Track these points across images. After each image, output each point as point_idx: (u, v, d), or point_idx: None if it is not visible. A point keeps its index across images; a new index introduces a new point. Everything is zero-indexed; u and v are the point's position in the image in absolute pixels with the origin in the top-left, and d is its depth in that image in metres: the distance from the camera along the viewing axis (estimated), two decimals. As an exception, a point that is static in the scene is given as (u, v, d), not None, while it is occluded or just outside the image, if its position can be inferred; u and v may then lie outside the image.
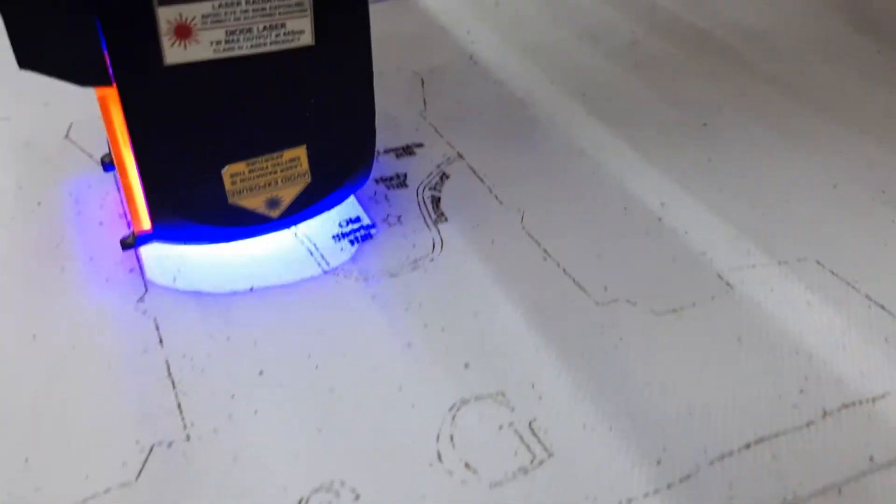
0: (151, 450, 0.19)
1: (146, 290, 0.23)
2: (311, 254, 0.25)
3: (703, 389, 0.21)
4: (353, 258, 0.25)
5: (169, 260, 0.24)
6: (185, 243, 0.23)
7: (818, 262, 0.25)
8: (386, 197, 0.27)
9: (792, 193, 0.28)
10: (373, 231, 0.25)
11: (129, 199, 0.21)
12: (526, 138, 0.31)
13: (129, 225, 0.25)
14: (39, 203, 0.26)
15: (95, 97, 0.22)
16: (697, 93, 0.35)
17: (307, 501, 0.18)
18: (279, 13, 0.19)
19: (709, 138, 0.32)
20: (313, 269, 0.24)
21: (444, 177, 0.29)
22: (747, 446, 0.19)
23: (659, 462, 0.19)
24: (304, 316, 0.23)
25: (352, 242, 0.25)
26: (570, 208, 0.27)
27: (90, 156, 0.29)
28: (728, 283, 0.24)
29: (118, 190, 0.27)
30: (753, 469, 0.19)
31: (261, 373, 0.21)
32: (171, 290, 0.23)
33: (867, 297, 0.24)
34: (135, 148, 0.19)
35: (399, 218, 0.26)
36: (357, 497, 0.18)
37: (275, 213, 0.22)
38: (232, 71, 0.19)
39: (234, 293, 0.23)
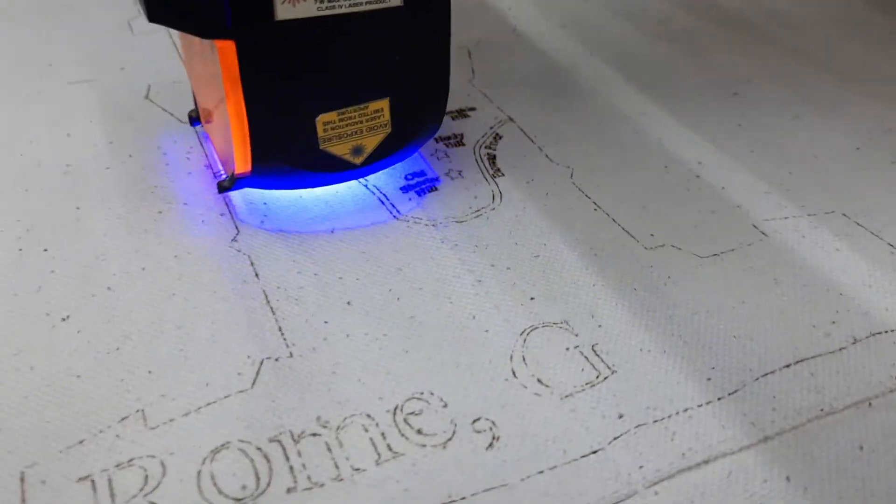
0: (262, 363, 0.21)
1: (238, 232, 0.25)
2: (382, 203, 0.27)
3: (744, 320, 0.23)
4: (421, 207, 0.27)
5: (255, 205, 0.26)
6: (275, 188, 0.25)
7: (844, 215, 0.28)
8: (446, 154, 0.30)
9: (819, 155, 0.31)
10: (437, 185, 0.28)
11: (235, 143, 0.23)
12: (570, 103, 0.34)
13: (215, 175, 0.27)
14: (130, 155, 0.29)
15: (166, 63, 0.24)
16: (727, 65, 0.37)
17: (402, 407, 0.21)
18: (374, -23, 0.21)
19: (739, 106, 0.34)
20: (385, 216, 0.26)
21: (497, 137, 0.31)
22: (787, 366, 0.22)
23: (709, 379, 0.21)
24: (382, 256, 0.25)
25: (419, 193, 0.27)
26: (616, 166, 0.30)
27: (171, 114, 0.31)
28: (763, 232, 0.27)
29: (204, 143, 0.29)
30: (793, 384, 0.21)
31: (349, 303, 0.23)
32: (260, 231, 0.25)
33: (889, 244, 0.26)
34: (246, 95, 0.22)
35: (460, 172, 0.29)
36: (445, 405, 0.21)
37: (358, 160, 0.25)
38: (331, 28, 0.22)
39: (317, 234, 0.25)
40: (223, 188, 0.25)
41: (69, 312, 0.22)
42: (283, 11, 0.21)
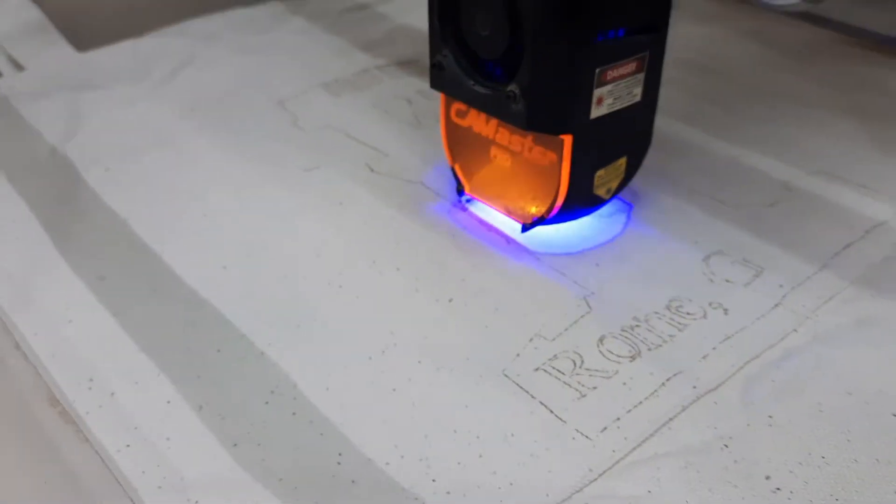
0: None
1: (538, 262, 0.38)
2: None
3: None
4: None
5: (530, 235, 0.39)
6: (559, 222, 0.39)
7: None
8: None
9: None
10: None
11: (545, 199, 0.36)
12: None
13: (493, 230, 0.40)
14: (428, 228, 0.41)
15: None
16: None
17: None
18: (631, 88, 0.35)
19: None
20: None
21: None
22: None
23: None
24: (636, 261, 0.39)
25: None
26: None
27: (441, 195, 0.43)
28: None
29: (472, 207, 0.41)
30: None
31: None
32: (544, 254, 0.38)
33: None
34: (572, 170, 0.35)
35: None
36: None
37: (607, 196, 0.39)
38: (610, 118, 0.35)
39: (583, 251, 0.39)
40: (527, 228, 0.38)
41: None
42: (594, 112, 0.35)
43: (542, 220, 0.38)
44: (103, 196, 0.42)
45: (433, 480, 0.28)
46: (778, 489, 0.28)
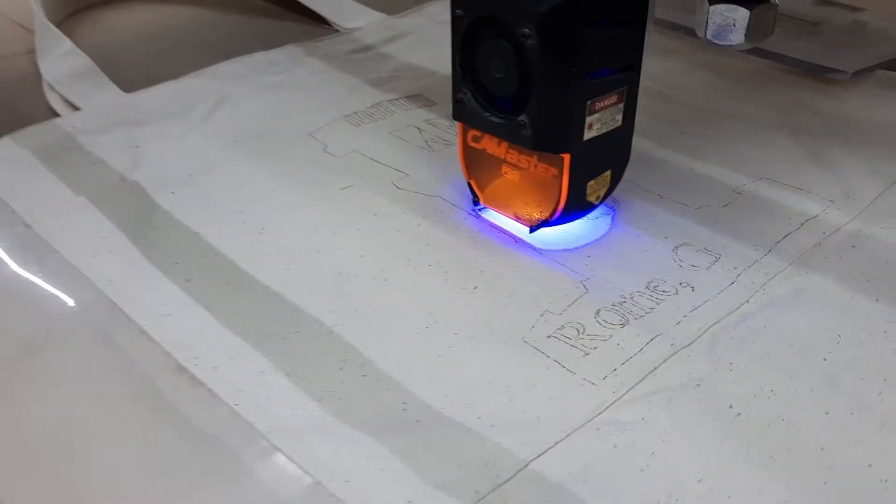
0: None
1: (542, 256, 0.47)
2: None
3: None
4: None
5: (535, 235, 0.48)
6: (559, 224, 0.48)
7: None
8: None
9: None
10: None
11: (549, 205, 0.45)
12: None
13: (504, 232, 0.49)
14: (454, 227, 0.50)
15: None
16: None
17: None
18: (614, 115, 0.45)
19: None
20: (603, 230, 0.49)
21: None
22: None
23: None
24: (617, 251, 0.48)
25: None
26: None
27: (457, 205, 0.52)
28: None
29: (486, 215, 0.50)
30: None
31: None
32: (547, 250, 0.47)
33: None
34: (570, 182, 0.44)
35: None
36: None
37: (596, 202, 0.48)
38: (599, 139, 0.45)
39: (578, 247, 0.48)
40: (533, 229, 0.47)
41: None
42: (586, 135, 0.44)
43: (545, 223, 0.47)
44: (174, 214, 0.51)
45: (478, 418, 0.37)
46: (739, 414, 0.37)
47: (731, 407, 0.37)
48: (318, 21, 0.81)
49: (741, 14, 0.47)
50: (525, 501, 0.33)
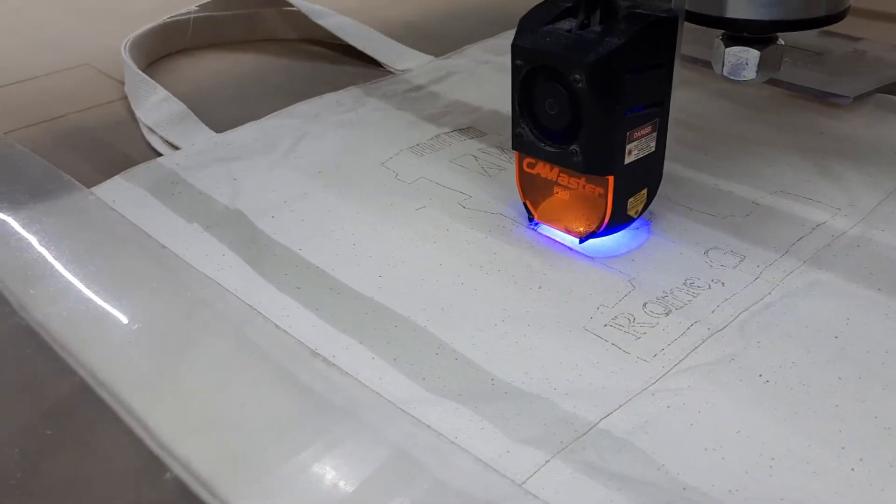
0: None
1: (593, 260, 0.56)
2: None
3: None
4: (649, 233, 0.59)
5: (585, 245, 0.57)
6: (605, 235, 0.56)
7: None
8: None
9: None
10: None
11: (596, 220, 0.54)
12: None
13: (558, 243, 0.58)
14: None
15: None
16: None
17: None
18: (649, 143, 0.54)
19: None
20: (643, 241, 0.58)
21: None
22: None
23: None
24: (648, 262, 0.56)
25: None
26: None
27: (517, 221, 0.61)
28: None
29: (542, 231, 0.59)
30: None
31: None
32: (596, 257, 0.56)
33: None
34: (614, 199, 0.53)
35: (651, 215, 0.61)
36: (723, 297, 0.52)
37: (635, 216, 0.56)
38: (637, 163, 0.53)
39: (622, 253, 0.56)
40: (582, 240, 0.56)
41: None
42: (626, 159, 0.53)
43: (593, 234, 0.55)
44: (275, 236, 0.60)
45: (554, 389, 0.45)
46: (767, 381, 0.45)
47: (760, 376, 0.45)
48: (373, 64, 0.90)
49: (752, 54, 0.57)
50: (599, 448, 0.41)
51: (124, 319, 0.51)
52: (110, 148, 0.76)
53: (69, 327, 0.50)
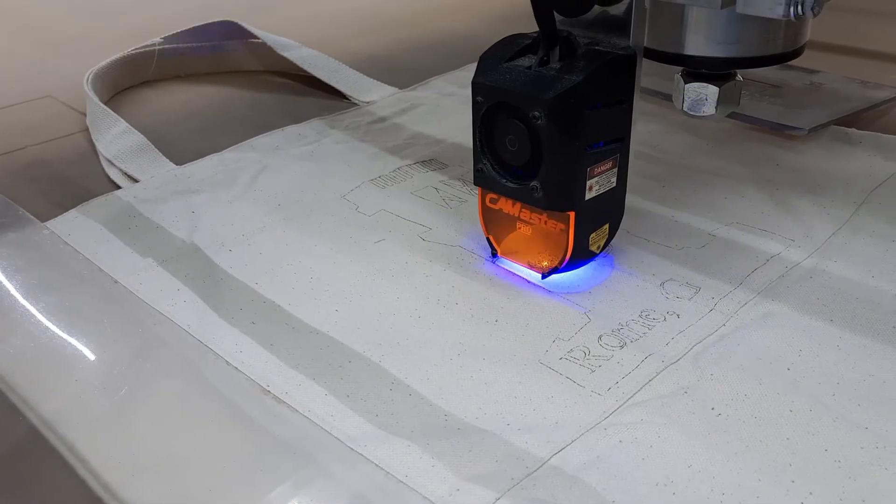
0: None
1: (551, 294, 0.56)
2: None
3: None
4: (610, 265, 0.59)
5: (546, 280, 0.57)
6: (566, 271, 0.56)
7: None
8: (600, 241, 0.62)
9: None
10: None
11: (558, 255, 0.54)
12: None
13: (518, 276, 0.58)
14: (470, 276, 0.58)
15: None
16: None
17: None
18: (610, 178, 0.54)
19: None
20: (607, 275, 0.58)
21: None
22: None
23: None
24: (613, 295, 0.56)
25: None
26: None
27: (477, 254, 0.61)
28: None
29: (502, 265, 0.59)
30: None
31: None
32: (556, 291, 0.56)
33: None
34: (575, 234, 0.53)
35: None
36: (679, 329, 0.52)
37: (597, 251, 0.57)
38: (598, 198, 0.54)
39: (582, 288, 0.56)
40: (545, 276, 0.56)
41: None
42: (587, 195, 0.53)
43: (555, 270, 0.56)
44: (232, 271, 0.59)
45: (508, 424, 0.45)
46: (719, 414, 0.45)
47: (713, 409, 0.45)
48: (338, 96, 0.90)
49: (712, 90, 0.57)
50: (550, 485, 0.41)
51: (74, 357, 0.50)
52: (70, 181, 0.75)
53: (17, 365, 0.49)
